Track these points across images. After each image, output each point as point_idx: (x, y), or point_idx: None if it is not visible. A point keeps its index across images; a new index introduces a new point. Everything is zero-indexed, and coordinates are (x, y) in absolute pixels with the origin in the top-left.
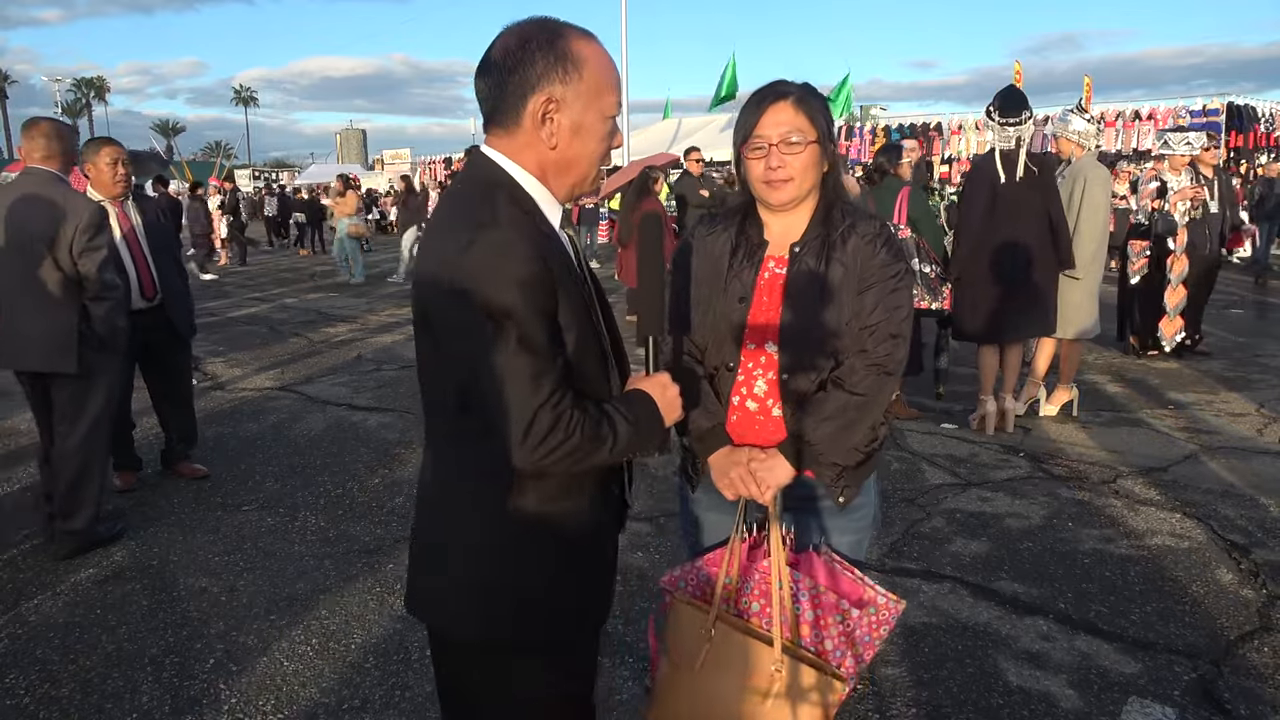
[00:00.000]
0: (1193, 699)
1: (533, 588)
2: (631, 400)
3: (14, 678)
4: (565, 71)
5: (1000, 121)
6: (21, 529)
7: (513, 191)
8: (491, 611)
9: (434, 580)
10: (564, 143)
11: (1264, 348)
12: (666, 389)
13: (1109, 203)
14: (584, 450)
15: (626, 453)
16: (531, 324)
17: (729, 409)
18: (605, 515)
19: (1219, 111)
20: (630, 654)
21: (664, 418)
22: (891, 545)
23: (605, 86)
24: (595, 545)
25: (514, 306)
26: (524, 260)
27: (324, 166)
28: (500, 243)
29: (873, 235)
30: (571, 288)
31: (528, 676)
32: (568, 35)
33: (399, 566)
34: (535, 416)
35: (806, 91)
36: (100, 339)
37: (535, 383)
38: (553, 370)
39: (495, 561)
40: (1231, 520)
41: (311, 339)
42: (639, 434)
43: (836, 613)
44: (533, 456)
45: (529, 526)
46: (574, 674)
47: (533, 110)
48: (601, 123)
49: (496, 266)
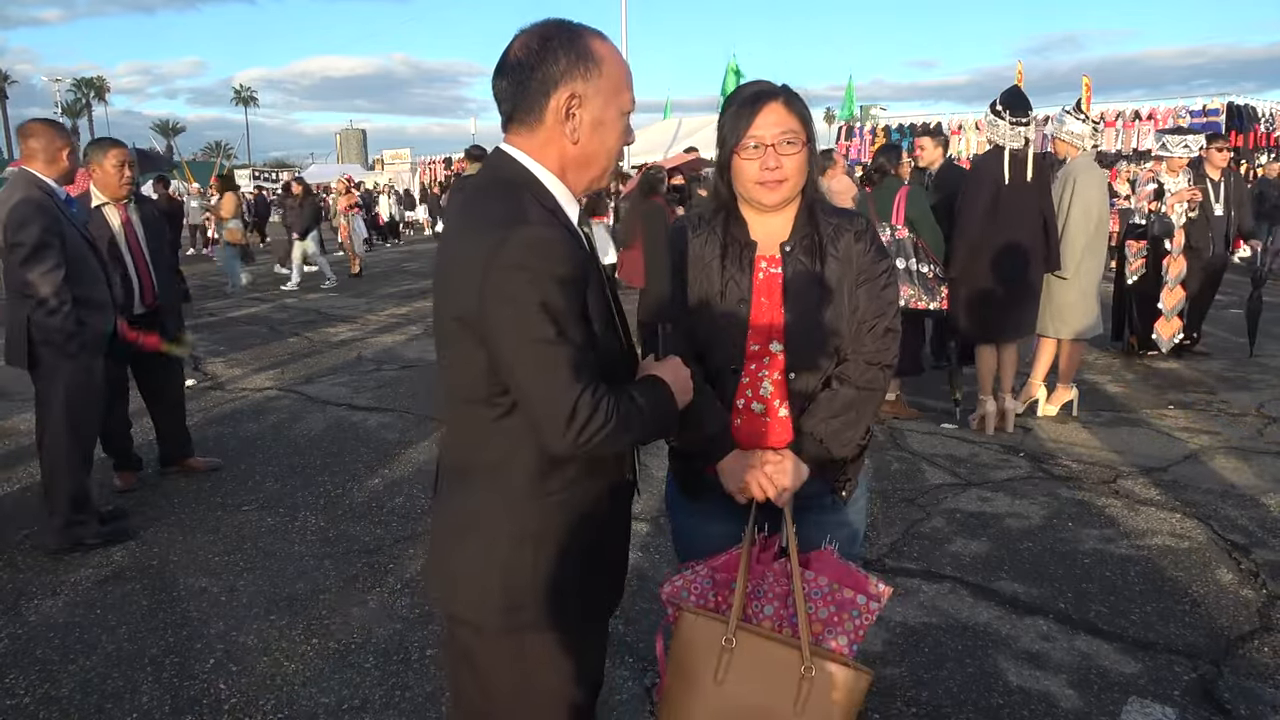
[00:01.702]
0: (1193, 699)
1: (550, 572)
2: (647, 385)
3: (14, 678)
4: (587, 68)
5: (1012, 121)
6: (21, 529)
7: (535, 190)
8: (510, 596)
9: (453, 565)
10: (585, 138)
11: (1264, 348)
12: (678, 371)
13: (1104, 203)
14: (619, 434)
15: (651, 436)
16: (569, 318)
17: (733, 412)
18: (620, 500)
19: (1219, 111)
20: (630, 654)
21: (677, 401)
22: (891, 545)
23: (622, 83)
24: (612, 530)
25: (555, 301)
26: (562, 258)
27: (324, 166)
28: (537, 240)
29: (861, 232)
30: (595, 283)
31: (540, 661)
32: (585, 34)
33: (399, 566)
34: (577, 404)
35: (790, 93)
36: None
37: (575, 373)
38: (588, 361)
39: (514, 546)
40: (1232, 520)
41: (311, 339)
42: (658, 417)
43: (852, 608)
44: (577, 441)
45: (550, 512)
46: (585, 660)
47: (555, 106)
48: (619, 119)
49: (536, 263)
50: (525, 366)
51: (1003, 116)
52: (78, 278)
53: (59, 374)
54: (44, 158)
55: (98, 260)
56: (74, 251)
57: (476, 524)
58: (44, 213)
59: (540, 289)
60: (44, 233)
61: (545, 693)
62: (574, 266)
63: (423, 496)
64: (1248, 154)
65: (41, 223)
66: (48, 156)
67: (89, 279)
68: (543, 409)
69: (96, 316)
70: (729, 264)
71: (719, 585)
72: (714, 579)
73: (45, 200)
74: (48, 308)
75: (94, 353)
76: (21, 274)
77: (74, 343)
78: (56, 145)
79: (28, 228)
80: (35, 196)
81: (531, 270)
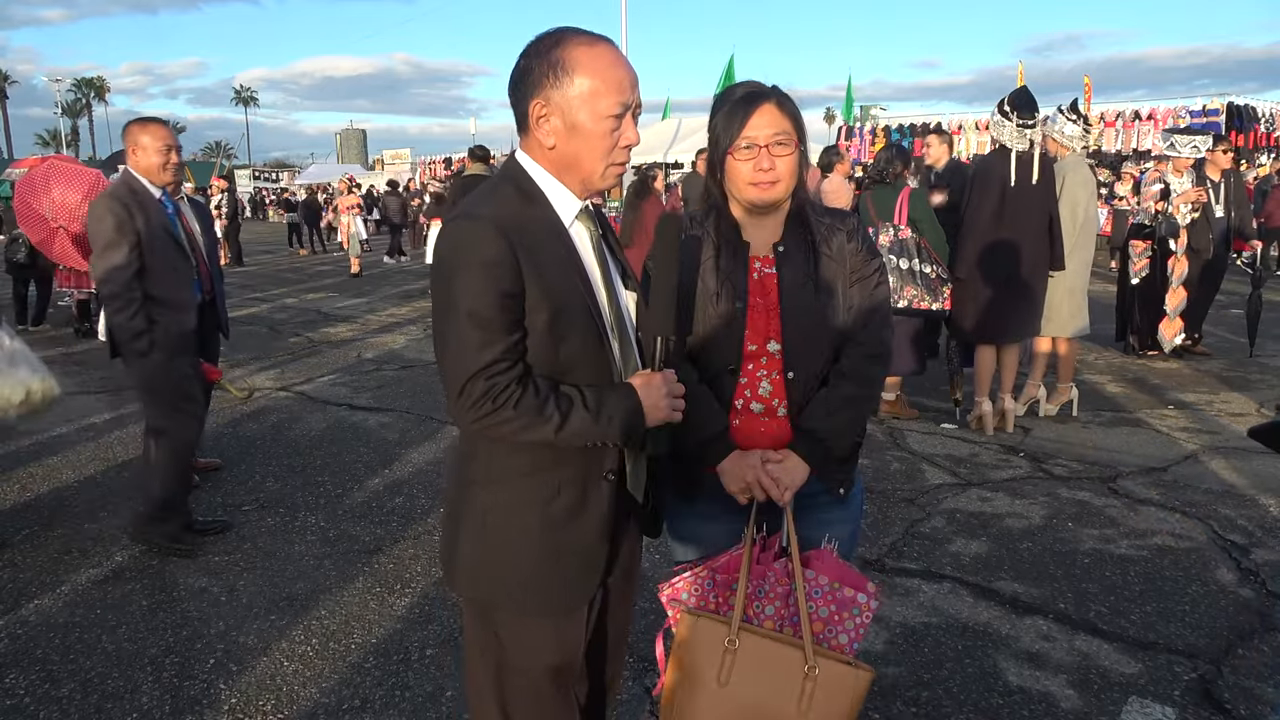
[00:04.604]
0: (1193, 699)
1: (502, 558)
2: (607, 391)
3: (14, 678)
4: (556, 77)
5: (1019, 123)
6: (22, 529)
7: (521, 184)
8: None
9: (443, 543)
10: (561, 142)
11: (1264, 348)
12: (653, 387)
13: (1091, 202)
14: (519, 423)
15: (586, 439)
16: (483, 300)
17: (731, 413)
18: (595, 497)
19: (1219, 111)
20: (630, 654)
21: (645, 415)
22: (891, 545)
23: (603, 88)
24: (579, 526)
25: (468, 284)
26: (484, 243)
27: (324, 166)
28: (467, 228)
29: (852, 231)
30: (556, 273)
31: (508, 641)
32: (566, 42)
33: (399, 566)
34: (469, 382)
35: (782, 94)
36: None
37: (476, 353)
38: (501, 344)
39: (476, 529)
40: (1231, 520)
41: (311, 339)
42: (601, 424)
43: (853, 606)
44: (465, 418)
45: (508, 499)
46: (548, 647)
47: (532, 114)
48: (599, 122)
49: (458, 248)
50: (436, 341)
51: (1010, 118)
52: (157, 277)
53: (134, 369)
54: (143, 157)
55: (184, 259)
56: (155, 250)
57: (453, 508)
58: (120, 209)
59: (457, 271)
60: (115, 230)
61: (513, 671)
62: (499, 252)
63: (423, 496)
64: (1248, 154)
65: (114, 220)
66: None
67: (170, 278)
68: (445, 383)
69: (174, 316)
70: (723, 265)
71: (719, 586)
72: (714, 580)
73: (128, 197)
74: (115, 305)
75: (170, 351)
76: (94, 269)
77: (142, 340)
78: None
79: (100, 225)
80: (119, 193)
81: (450, 256)
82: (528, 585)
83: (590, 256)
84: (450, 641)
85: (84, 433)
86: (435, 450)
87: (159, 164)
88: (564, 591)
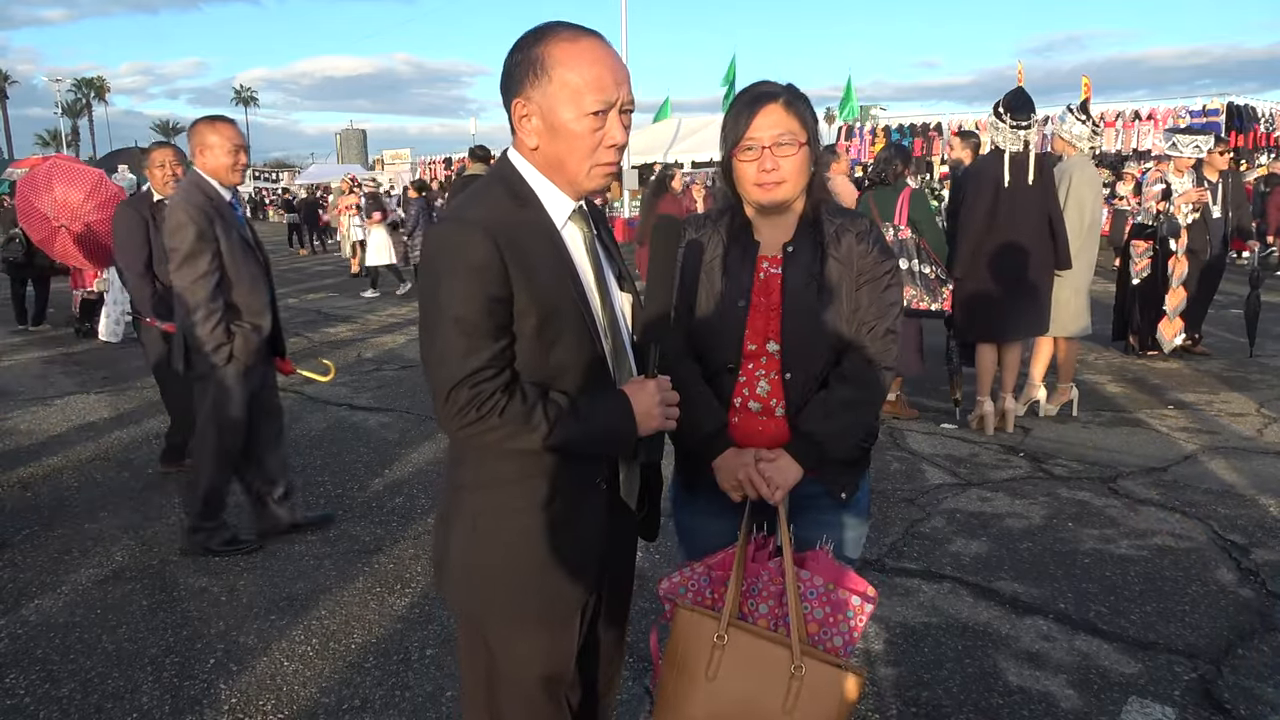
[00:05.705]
0: (1193, 699)
1: (489, 563)
2: (598, 399)
3: (14, 678)
4: (535, 76)
5: (1012, 124)
6: (22, 529)
7: (512, 184)
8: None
9: (435, 548)
10: (544, 142)
11: (1264, 348)
12: (646, 394)
13: (1097, 202)
14: (504, 431)
15: (576, 448)
16: (470, 306)
17: (730, 411)
18: (587, 505)
19: (1219, 111)
20: (630, 654)
21: (637, 423)
22: (891, 545)
23: (584, 86)
24: (569, 534)
25: (454, 289)
26: (471, 246)
27: (324, 166)
28: (453, 233)
29: (864, 233)
30: (547, 277)
31: (498, 650)
32: (547, 40)
33: (399, 566)
34: (453, 390)
35: (793, 93)
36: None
37: (461, 360)
38: (487, 351)
39: (465, 535)
40: (1231, 520)
41: (311, 339)
42: (591, 431)
43: (847, 609)
44: (450, 425)
45: (492, 505)
46: (539, 656)
47: (514, 114)
48: (580, 120)
49: (445, 252)
50: (422, 346)
51: (1004, 119)
52: (235, 285)
53: (209, 380)
54: (211, 157)
55: (258, 264)
56: (234, 257)
57: (444, 511)
58: (200, 218)
59: (443, 276)
60: (197, 239)
61: (504, 680)
62: (487, 257)
63: (423, 496)
64: (1247, 154)
65: (195, 230)
66: (216, 157)
67: (248, 286)
68: (431, 389)
69: (252, 324)
70: (730, 264)
71: (715, 583)
72: (710, 576)
73: (205, 204)
74: (197, 316)
75: (246, 360)
76: (175, 280)
77: (223, 352)
78: (225, 144)
79: (181, 234)
80: (196, 200)
81: (437, 259)
82: (517, 593)
83: (583, 259)
84: (450, 642)
85: (84, 433)
86: (435, 450)
87: (229, 164)
88: (555, 600)
